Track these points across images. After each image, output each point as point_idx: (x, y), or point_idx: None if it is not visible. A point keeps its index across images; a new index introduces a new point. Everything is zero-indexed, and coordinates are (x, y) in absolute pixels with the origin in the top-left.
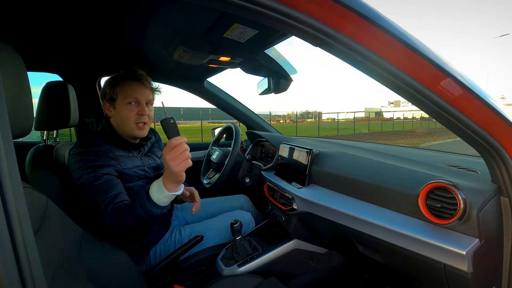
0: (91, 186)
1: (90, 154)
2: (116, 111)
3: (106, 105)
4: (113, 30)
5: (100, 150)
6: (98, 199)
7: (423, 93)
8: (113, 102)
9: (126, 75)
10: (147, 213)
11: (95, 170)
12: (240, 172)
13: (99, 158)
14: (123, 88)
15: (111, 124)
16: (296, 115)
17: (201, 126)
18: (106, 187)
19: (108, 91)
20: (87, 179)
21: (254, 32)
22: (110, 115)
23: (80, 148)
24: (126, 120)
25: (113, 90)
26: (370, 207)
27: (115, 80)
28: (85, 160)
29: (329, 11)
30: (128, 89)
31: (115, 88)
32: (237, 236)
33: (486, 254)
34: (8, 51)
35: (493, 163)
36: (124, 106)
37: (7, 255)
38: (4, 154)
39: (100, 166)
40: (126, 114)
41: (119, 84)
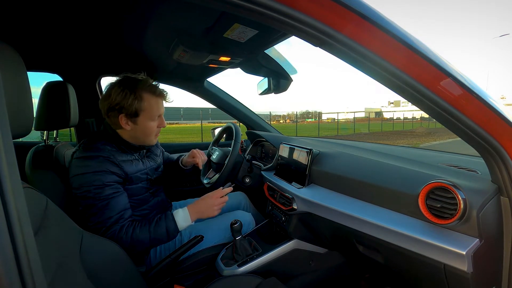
0: (97, 198)
1: (91, 160)
2: (136, 127)
3: (123, 120)
4: (113, 30)
5: (104, 155)
6: (106, 214)
7: (423, 93)
8: (134, 119)
9: (149, 90)
10: (169, 236)
11: (101, 179)
12: (240, 172)
13: (103, 165)
14: (149, 105)
15: (116, 132)
16: (296, 115)
17: (201, 126)
18: (114, 202)
19: (128, 106)
20: (94, 189)
21: (254, 32)
22: (126, 128)
23: (84, 152)
24: (149, 134)
25: (138, 106)
26: (370, 207)
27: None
28: (89, 167)
29: (329, 11)
30: (154, 107)
31: (140, 103)
32: (237, 236)
33: (486, 254)
34: (8, 51)
35: (493, 163)
36: (148, 123)
37: (7, 255)
38: (4, 154)
39: (105, 172)
40: (149, 130)
41: (144, 99)
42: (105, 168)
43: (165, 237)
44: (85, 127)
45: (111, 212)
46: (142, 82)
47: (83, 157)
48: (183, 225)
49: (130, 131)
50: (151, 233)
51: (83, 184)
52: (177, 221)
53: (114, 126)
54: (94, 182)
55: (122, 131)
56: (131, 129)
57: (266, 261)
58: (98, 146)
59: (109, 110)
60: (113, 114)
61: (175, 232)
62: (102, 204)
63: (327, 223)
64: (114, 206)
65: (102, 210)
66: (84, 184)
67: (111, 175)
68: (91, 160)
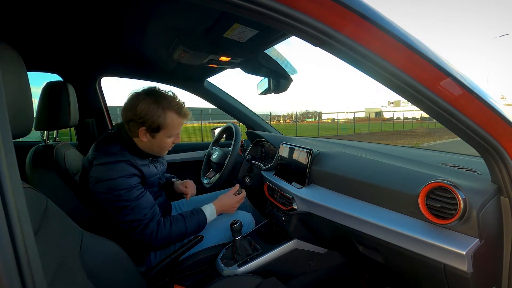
0: (129, 199)
1: (119, 164)
2: (154, 140)
3: (142, 132)
4: (113, 30)
5: (124, 159)
6: (140, 212)
7: (423, 93)
8: (154, 133)
9: (174, 110)
10: (200, 229)
11: (128, 183)
12: (240, 172)
13: (127, 169)
14: (171, 123)
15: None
16: (296, 115)
17: (201, 126)
18: (144, 200)
19: (151, 122)
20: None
21: (254, 32)
22: (143, 140)
23: (106, 158)
24: (163, 149)
25: (160, 123)
26: (370, 207)
27: (162, 112)
28: (115, 171)
29: (329, 11)
30: (175, 126)
31: (162, 121)
32: (237, 236)
33: (486, 254)
34: (8, 51)
35: (493, 163)
36: (165, 140)
37: (7, 255)
38: (4, 154)
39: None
40: (165, 145)
41: (167, 117)
42: (129, 172)
43: (197, 230)
44: (85, 127)
45: (144, 209)
46: (170, 100)
47: (107, 163)
48: (210, 219)
49: (146, 143)
50: (187, 227)
51: (112, 189)
52: (206, 215)
53: (131, 134)
54: (122, 185)
55: (137, 140)
56: (148, 142)
57: (266, 261)
58: (117, 151)
59: (131, 120)
60: (135, 124)
61: (204, 225)
62: (134, 204)
63: (327, 223)
64: (145, 204)
65: (136, 209)
66: (113, 188)
67: (135, 178)
68: (116, 164)
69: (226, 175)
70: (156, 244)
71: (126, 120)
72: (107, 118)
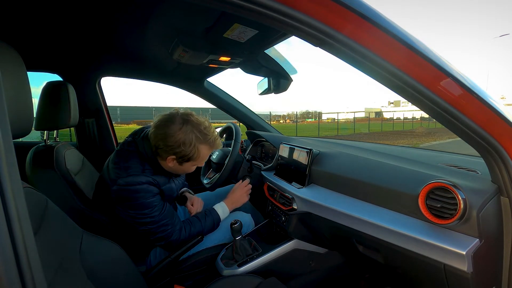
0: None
1: (143, 186)
2: (180, 167)
3: (171, 159)
4: (113, 30)
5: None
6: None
7: (423, 93)
8: (184, 162)
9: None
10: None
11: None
12: (240, 172)
13: (150, 189)
14: (202, 155)
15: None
16: (296, 115)
17: None
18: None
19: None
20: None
21: (254, 32)
22: (169, 165)
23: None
24: (187, 172)
25: (192, 155)
26: (370, 207)
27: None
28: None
29: (329, 11)
30: (205, 157)
31: (194, 154)
32: (237, 236)
33: (486, 254)
34: (8, 51)
35: (493, 163)
36: (192, 167)
37: (7, 255)
38: (4, 154)
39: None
40: (189, 170)
41: (199, 151)
42: (152, 192)
43: (213, 228)
44: (85, 127)
45: (167, 220)
46: (206, 133)
47: (131, 185)
48: (224, 216)
49: (171, 167)
50: (204, 227)
51: (136, 209)
52: (219, 214)
53: (157, 156)
54: (146, 206)
55: (162, 162)
56: (173, 166)
57: (266, 261)
58: (140, 171)
59: (161, 148)
60: (165, 152)
61: (219, 223)
62: (158, 219)
63: (327, 223)
64: (168, 216)
65: (160, 222)
66: (138, 208)
67: (157, 196)
68: (139, 186)
69: (226, 175)
70: (177, 244)
71: (155, 144)
72: (107, 118)
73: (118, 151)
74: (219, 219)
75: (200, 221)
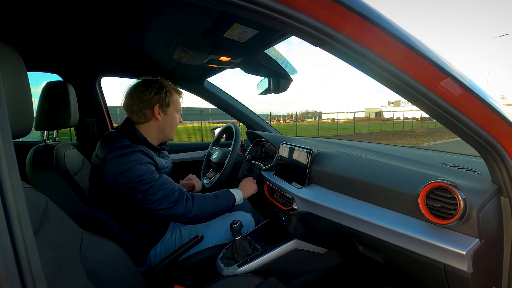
0: (152, 180)
1: (133, 154)
2: (166, 117)
3: (157, 109)
4: (113, 30)
5: (139, 149)
6: (168, 187)
7: (423, 93)
8: (166, 109)
9: (172, 87)
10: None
11: (148, 168)
12: (240, 172)
13: (144, 158)
14: (176, 98)
15: (136, 128)
16: (296, 115)
17: (201, 126)
18: (166, 178)
19: (163, 97)
20: (146, 176)
21: (254, 32)
22: (157, 118)
23: (118, 151)
24: (175, 125)
25: (170, 98)
26: (370, 207)
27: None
28: (134, 161)
29: (329, 11)
30: (177, 101)
31: (171, 97)
32: (237, 236)
33: (486, 254)
34: (8, 51)
35: (493, 163)
36: (174, 115)
37: (7, 255)
38: (4, 154)
39: (148, 163)
40: (175, 121)
41: (172, 94)
42: (146, 160)
43: (227, 209)
44: (85, 127)
45: (170, 184)
46: (165, 82)
47: (123, 154)
48: (238, 202)
49: (159, 122)
50: (218, 205)
51: (134, 176)
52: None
53: (141, 120)
54: (144, 171)
55: (147, 126)
56: (162, 120)
57: (266, 261)
58: (129, 144)
59: (143, 108)
60: (148, 107)
61: (233, 205)
62: (159, 183)
63: (327, 223)
64: (169, 180)
65: (163, 185)
66: (135, 175)
67: (151, 165)
68: (132, 155)
69: (226, 175)
70: (191, 215)
71: (136, 110)
72: (107, 118)
73: (101, 139)
74: (234, 201)
75: (216, 197)
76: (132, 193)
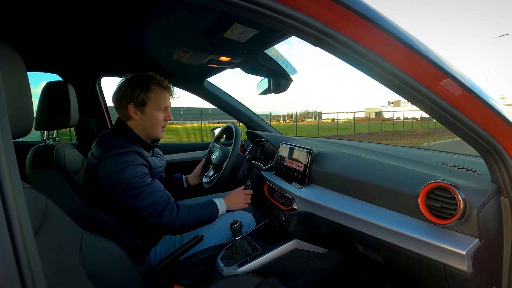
0: (143, 185)
1: (127, 155)
2: (144, 116)
3: (132, 108)
4: (113, 30)
5: (133, 149)
6: (156, 195)
7: (423, 93)
8: (142, 108)
9: (155, 83)
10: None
11: (140, 170)
12: (240, 172)
13: (137, 159)
14: (154, 96)
15: (128, 126)
16: (296, 115)
17: (201, 126)
18: (157, 185)
19: (136, 96)
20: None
21: (254, 32)
22: (134, 118)
23: (112, 150)
24: (156, 125)
25: (145, 96)
26: (370, 207)
27: (144, 86)
28: (127, 161)
29: (329, 11)
30: (160, 97)
31: (147, 94)
32: (237, 236)
33: (486, 254)
34: (8, 51)
35: (493, 163)
36: (155, 113)
37: (7, 255)
38: (4, 154)
39: (141, 165)
40: (156, 120)
41: (150, 91)
42: (140, 161)
43: (210, 220)
44: (85, 127)
45: (159, 193)
46: (149, 76)
47: (117, 154)
48: (221, 212)
49: (138, 121)
50: (201, 216)
51: (126, 178)
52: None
53: (124, 118)
54: (136, 173)
55: (132, 123)
56: (139, 119)
57: (266, 261)
58: (122, 143)
59: (120, 101)
60: (124, 105)
61: (216, 216)
62: (149, 189)
63: (327, 223)
64: (159, 188)
65: (152, 193)
66: (127, 177)
67: (145, 167)
68: (126, 155)
69: (226, 175)
70: (174, 226)
71: (117, 108)
72: (107, 118)
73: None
74: (218, 212)
75: (200, 207)
76: (122, 195)
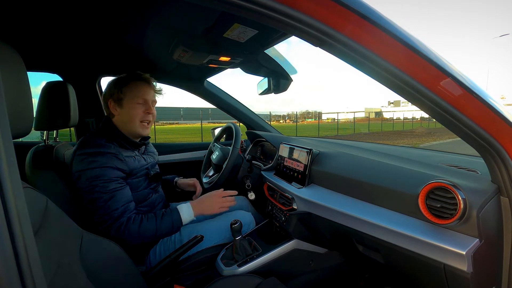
0: (103, 191)
1: (98, 156)
2: (122, 110)
3: (111, 104)
4: (113, 30)
5: (108, 151)
6: (112, 206)
7: (423, 93)
8: (120, 102)
9: (133, 77)
10: (173, 229)
11: (108, 174)
12: (240, 173)
13: (110, 161)
14: (131, 88)
15: (113, 124)
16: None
17: (201, 126)
18: (119, 195)
19: (114, 91)
20: (101, 183)
21: (254, 32)
22: (115, 113)
23: (86, 149)
24: (134, 118)
25: (121, 90)
26: (370, 207)
27: (122, 81)
28: (94, 162)
29: (329, 11)
30: (136, 90)
31: (122, 88)
32: (237, 236)
33: (486, 254)
34: (8, 51)
35: (493, 163)
36: (132, 105)
37: (7, 255)
38: (4, 154)
39: (112, 168)
40: (133, 112)
41: (128, 85)
42: (112, 164)
43: (170, 229)
44: (85, 127)
45: (117, 204)
46: (130, 73)
47: (90, 153)
48: (187, 219)
49: (119, 116)
50: (158, 226)
51: (90, 178)
52: (181, 215)
53: (110, 116)
54: (101, 176)
55: (115, 120)
56: (119, 114)
57: (266, 261)
58: (103, 143)
59: (103, 99)
60: (105, 100)
61: (179, 225)
62: (108, 197)
63: (327, 223)
64: (120, 199)
65: (108, 202)
66: (91, 178)
67: (117, 171)
68: (98, 156)
69: (226, 175)
70: (126, 239)
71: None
72: None
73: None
74: (180, 221)
75: (155, 218)
76: (85, 195)
